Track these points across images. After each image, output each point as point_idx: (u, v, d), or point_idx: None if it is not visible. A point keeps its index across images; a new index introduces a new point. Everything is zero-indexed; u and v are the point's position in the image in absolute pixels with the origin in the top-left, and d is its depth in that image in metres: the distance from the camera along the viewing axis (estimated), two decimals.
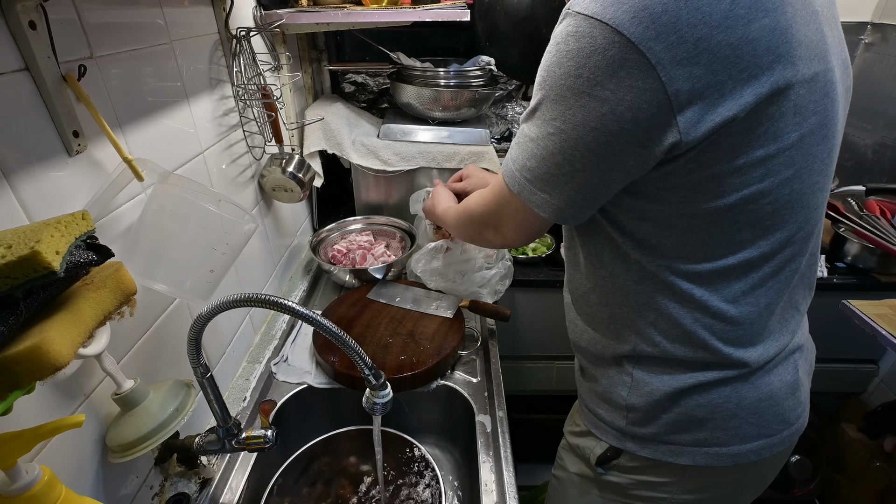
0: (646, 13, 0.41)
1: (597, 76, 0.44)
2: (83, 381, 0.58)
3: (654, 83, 0.43)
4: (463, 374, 0.99)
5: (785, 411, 0.62)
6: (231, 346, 0.94)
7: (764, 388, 0.60)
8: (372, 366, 0.62)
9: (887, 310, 1.08)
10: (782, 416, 0.62)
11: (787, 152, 0.48)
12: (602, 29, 0.43)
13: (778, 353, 0.60)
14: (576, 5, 0.46)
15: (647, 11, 0.41)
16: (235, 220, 0.67)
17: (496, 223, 0.66)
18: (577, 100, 0.46)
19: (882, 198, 1.44)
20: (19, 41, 0.47)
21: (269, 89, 0.96)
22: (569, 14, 0.46)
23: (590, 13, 0.44)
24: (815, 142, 0.50)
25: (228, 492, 0.79)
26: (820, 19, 0.48)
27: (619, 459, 0.68)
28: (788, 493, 1.59)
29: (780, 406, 0.61)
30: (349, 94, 1.64)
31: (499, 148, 1.61)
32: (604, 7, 0.43)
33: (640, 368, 0.63)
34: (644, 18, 0.41)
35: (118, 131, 0.62)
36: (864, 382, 1.56)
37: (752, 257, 0.54)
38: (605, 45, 0.43)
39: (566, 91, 0.47)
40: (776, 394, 0.61)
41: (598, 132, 0.47)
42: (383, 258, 1.28)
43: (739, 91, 0.44)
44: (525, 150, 0.54)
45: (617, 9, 0.42)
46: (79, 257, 0.45)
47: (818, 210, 0.57)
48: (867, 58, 1.56)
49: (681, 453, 0.62)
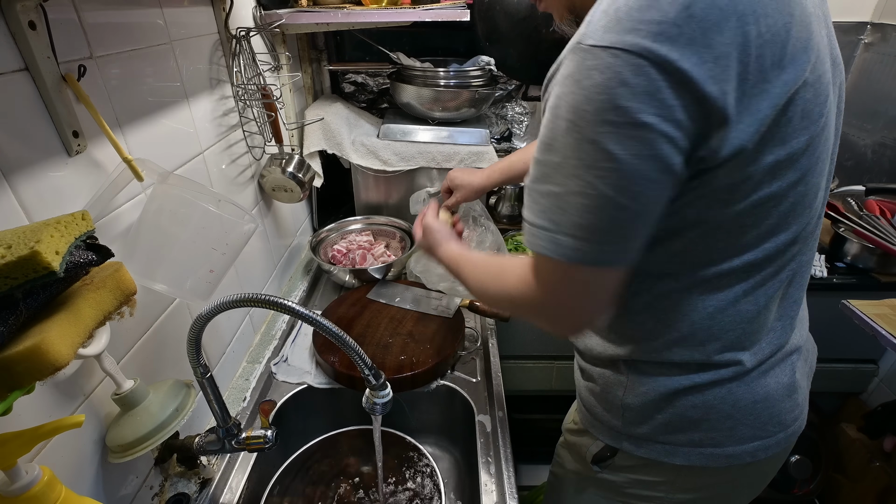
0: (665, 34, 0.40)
1: (637, 103, 0.41)
2: (83, 382, 0.58)
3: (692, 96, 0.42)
4: (463, 374, 0.99)
5: (781, 413, 0.62)
6: (231, 346, 0.94)
7: (760, 389, 0.60)
8: (372, 366, 0.62)
9: (887, 310, 1.08)
10: (778, 419, 0.62)
11: (795, 157, 0.48)
12: (626, 56, 0.41)
13: (773, 353, 0.60)
14: (587, 38, 0.43)
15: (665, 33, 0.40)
16: (235, 221, 0.67)
17: (562, 310, 0.55)
18: (623, 130, 0.42)
19: (882, 198, 1.44)
20: (19, 41, 0.47)
21: (269, 89, 0.96)
22: (580, 49, 0.43)
23: (609, 44, 0.41)
24: (819, 143, 0.50)
25: (228, 492, 0.79)
26: (811, 18, 0.48)
27: (615, 458, 0.68)
28: (788, 493, 1.59)
29: (775, 408, 0.61)
30: (349, 94, 1.64)
31: (498, 148, 1.61)
32: (620, 35, 0.41)
33: (635, 370, 0.62)
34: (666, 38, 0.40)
35: (118, 131, 0.62)
36: (864, 382, 1.56)
37: (756, 259, 0.53)
38: (636, 70, 0.41)
39: (606, 126, 0.43)
40: (772, 395, 0.60)
41: (654, 158, 0.44)
42: (383, 258, 1.28)
43: (756, 102, 0.44)
44: (568, 208, 0.47)
45: (636, 34, 0.40)
46: (79, 257, 0.45)
47: (819, 210, 0.57)
48: (867, 58, 1.56)
49: (675, 453, 0.62)
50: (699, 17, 0.40)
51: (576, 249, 0.48)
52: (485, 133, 1.38)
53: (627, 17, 0.41)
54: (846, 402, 1.61)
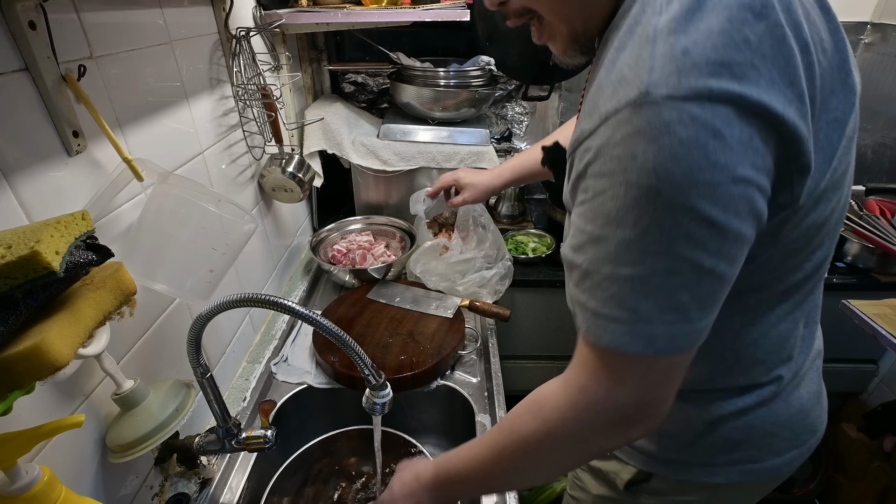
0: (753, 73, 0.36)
1: (733, 156, 0.36)
2: (83, 381, 0.58)
3: (781, 140, 0.37)
4: (463, 374, 0.99)
5: (813, 420, 0.61)
6: (231, 346, 0.94)
7: (795, 402, 0.59)
8: (372, 366, 0.62)
9: (887, 310, 1.08)
10: (811, 426, 0.61)
11: (840, 177, 0.45)
12: (713, 105, 0.35)
13: (804, 362, 0.59)
14: (659, 89, 0.36)
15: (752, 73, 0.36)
16: (235, 221, 0.67)
17: (645, 407, 0.46)
18: (721, 189, 0.36)
19: (882, 198, 1.44)
20: (19, 41, 0.47)
21: (269, 89, 0.96)
22: (651, 103, 0.36)
23: (691, 93, 0.35)
24: (851, 151, 0.47)
25: (228, 492, 0.79)
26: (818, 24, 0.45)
27: (650, 482, 0.65)
28: (788, 493, 1.59)
29: (808, 417, 0.61)
30: (349, 94, 1.64)
31: (498, 148, 1.61)
32: (703, 81, 0.35)
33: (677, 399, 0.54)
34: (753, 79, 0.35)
35: (118, 131, 0.62)
36: (864, 382, 1.56)
37: (797, 280, 0.51)
38: (726, 119, 0.35)
39: (701, 187, 0.36)
40: (805, 405, 0.60)
41: (752, 215, 0.38)
42: (383, 258, 1.28)
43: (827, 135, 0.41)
44: (652, 292, 0.40)
45: (719, 78, 0.35)
46: (79, 257, 0.45)
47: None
48: (867, 58, 1.56)
49: (715, 473, 0.60)
50: (773, 53, 0.36)
51: (670, 338, 0.41)
52: (485, 133, 1.38)
53: (704, 61, 0.35)
54: (846, 402, 1.61)
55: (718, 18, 0.36)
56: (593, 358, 0.44)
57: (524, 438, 0.49)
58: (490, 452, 0.53)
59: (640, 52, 0.37)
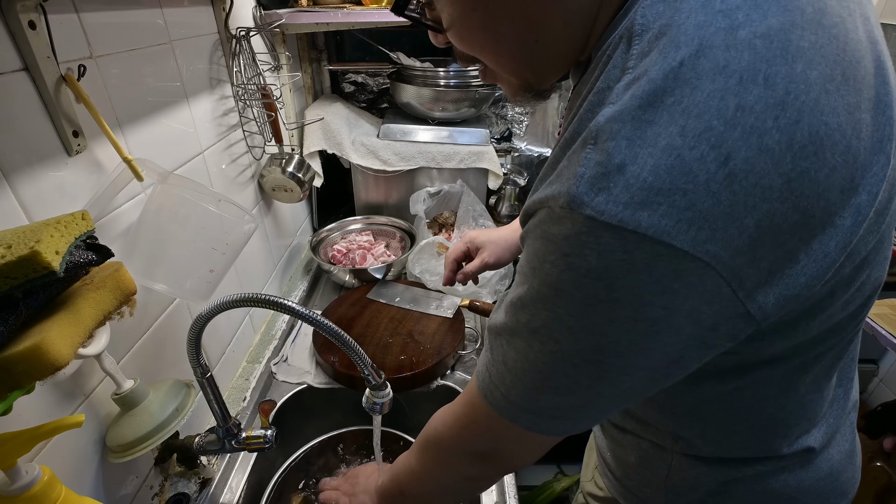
0: (692, 212, 0.29)
1: (642, 297, 0.32)
2: (83, 381, 0.58)
3: (714, 282, 0.31)
4: (463, 373, 0.99)
5: (843, 482, 0.54)
6: (231, 346, 0.94)
7: (825, 465, 0.52)
8: (372, 365, 0.62)
9: (887, 310, 1.08)
10: (841, 489, 0.54)
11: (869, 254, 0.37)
12: (637, 241, 0.29)
13: (837, 422, 0.52)
14: (581, 205, 0.30)
15: (693, 210, 0.29)
16: (235, 220, 0.67)
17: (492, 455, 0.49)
18: (617, 326, 0.33)
19: None
20: (19, 41, 0.47)
21: (269, 89, 0.96)
22: (575, 215, 0.31)
23: (614, 221, 0.29)
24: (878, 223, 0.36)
25: (228, 492, 0.79)
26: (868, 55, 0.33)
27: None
28: None
29: (839, 479, 0.53)
30: (349, 94, 1.64)
31: (498, 148, 1.61)
32: (631, 210, 0.29)
33: (685, 455, 0.52)
34: (692, 219, 0.29)
35: (118, 131, 0.62)
36: (864, 382, 1.56)
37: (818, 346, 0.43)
38: (648, 260, 0.30)
39: (598, 318, 0.33)
40: (836, 468, 0.53)
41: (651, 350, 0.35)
42: (383, 258, 1.28)
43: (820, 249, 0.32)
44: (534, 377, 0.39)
45: (652, 212, 0.29)
46: (78, 257, 0.45)
47: None
48: None
49: None
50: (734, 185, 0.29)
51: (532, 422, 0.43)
52: (485, 133, 1.38)
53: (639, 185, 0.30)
54: None
55: (671, 128, 0.28)
56: (476, 391, 0.47)
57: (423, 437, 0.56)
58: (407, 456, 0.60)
59: (583, 148, 0.31)
